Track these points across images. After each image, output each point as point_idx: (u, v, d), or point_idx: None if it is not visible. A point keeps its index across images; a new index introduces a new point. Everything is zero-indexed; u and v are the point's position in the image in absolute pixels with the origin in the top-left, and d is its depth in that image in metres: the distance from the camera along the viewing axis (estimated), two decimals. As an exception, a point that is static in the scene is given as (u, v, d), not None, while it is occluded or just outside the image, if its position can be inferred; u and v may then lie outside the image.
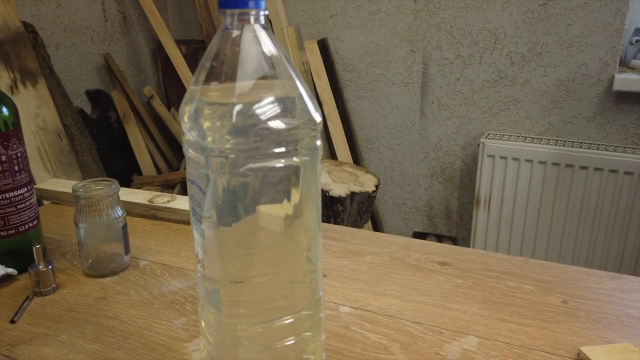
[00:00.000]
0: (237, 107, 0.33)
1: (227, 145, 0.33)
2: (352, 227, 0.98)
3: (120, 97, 1.96)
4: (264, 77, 0.35)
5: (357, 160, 1.94)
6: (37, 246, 0.56)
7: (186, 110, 0.36)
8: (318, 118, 0.36)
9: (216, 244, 0.36)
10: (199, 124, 0.34)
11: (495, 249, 1.74)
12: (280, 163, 0.35)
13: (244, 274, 0.36)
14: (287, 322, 0.38)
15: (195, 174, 0.37)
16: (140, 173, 2.02)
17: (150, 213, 0.77)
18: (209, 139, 0.33)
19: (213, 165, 0.34)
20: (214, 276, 0.37)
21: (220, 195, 0.34)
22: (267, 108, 0.34)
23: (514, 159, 1.63)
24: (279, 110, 0.34)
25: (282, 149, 0.34)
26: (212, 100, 0.34)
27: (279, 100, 0.35)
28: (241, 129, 0.33)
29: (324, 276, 0.61)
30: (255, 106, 0.33)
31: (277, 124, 0.34)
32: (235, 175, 0.34)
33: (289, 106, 0.35)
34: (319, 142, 0.37)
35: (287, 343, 0.39)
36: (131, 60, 2.11)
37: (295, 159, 0.35)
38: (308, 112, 0.35)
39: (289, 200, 0.36)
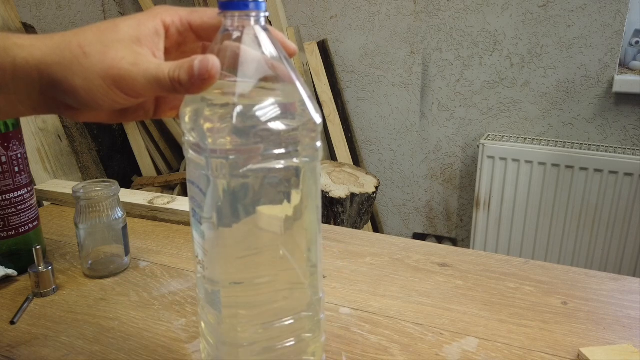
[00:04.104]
0: (238, 109, 0.33)
1: (228, 147, 0.33)
2: (352, 228, 0.98)
3: (121, 98, 1.96)
4: (264, 79, 0.35)
5: (357, 161, 1.94)
6: (37, 247, 0.56)
7: (187, 112, 0.36)
8: (318, 119, 0.36)
9: (216, 245, 0.36)
10: (199, 125, 0.34)
11: (495, 250, 1.74)
12: (280, 164, 0.35)
13: (244, 275, 0.36)
14: (287, 323, 0.38)
15: (195, 175, 0.37)
16: (140, 174, 2.02)
17: (150, 214, 0.77)
18: (209, 140, 0.33)
19: (213, 166, 0.34)
20: (214, 277, 0.37)
21: (221, 196, 0.34)
22: (267, 109, 0.34)
23: (514, 160, 1.63)
24: (279, 112, 0.34)
25: (282, 151, 0.34)
26: (212, 102, 0.34)
27: (279, 102, 0.35)
28: (241, 131, 0.33)
29: (324, 277, 0.61)
30: (256, 107, 0.33)
31: (278, 126, 0.34)
32: (235, 176, 0.34)
33: (289, 108, 0.35)
34: (319, 144, 0.37)
35: (287, 344, 0.39)
36: (131, 61, 2.11)
37: (295, 160, 0.35)
38: (308, 113, 0.35)
39: (289, 201, 0.36)
